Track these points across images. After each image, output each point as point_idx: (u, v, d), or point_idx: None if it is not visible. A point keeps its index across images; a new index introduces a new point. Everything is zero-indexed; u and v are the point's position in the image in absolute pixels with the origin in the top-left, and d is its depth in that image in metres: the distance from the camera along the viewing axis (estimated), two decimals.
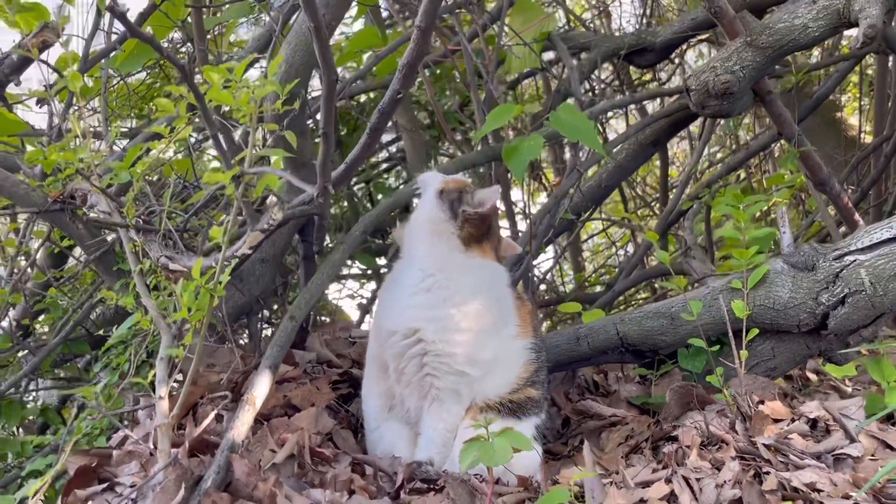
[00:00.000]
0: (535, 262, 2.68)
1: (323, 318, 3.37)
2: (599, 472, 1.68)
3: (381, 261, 3.62)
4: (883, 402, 1.84)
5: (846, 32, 2.72)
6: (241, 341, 2.22)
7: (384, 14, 3.40)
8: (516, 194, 4.50)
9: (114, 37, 2.78)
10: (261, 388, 1.57)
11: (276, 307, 2.39)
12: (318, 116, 2.55)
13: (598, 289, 4.26)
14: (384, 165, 4.09)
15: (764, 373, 2.06)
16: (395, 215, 3.03)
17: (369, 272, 3.86)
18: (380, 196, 3.80)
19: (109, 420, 1.85)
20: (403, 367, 1.80)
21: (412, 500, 1.47)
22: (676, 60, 4.34)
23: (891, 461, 1.53)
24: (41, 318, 2.46)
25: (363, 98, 3.61)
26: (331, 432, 1.89)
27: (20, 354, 2.37)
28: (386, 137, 3.95)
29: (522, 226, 3.02)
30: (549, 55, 3.22)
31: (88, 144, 1.69)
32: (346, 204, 3.67)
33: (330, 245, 2.40)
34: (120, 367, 1.90)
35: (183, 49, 3.68)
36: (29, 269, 2.48)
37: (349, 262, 3.58)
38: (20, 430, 2.45)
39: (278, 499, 1.36)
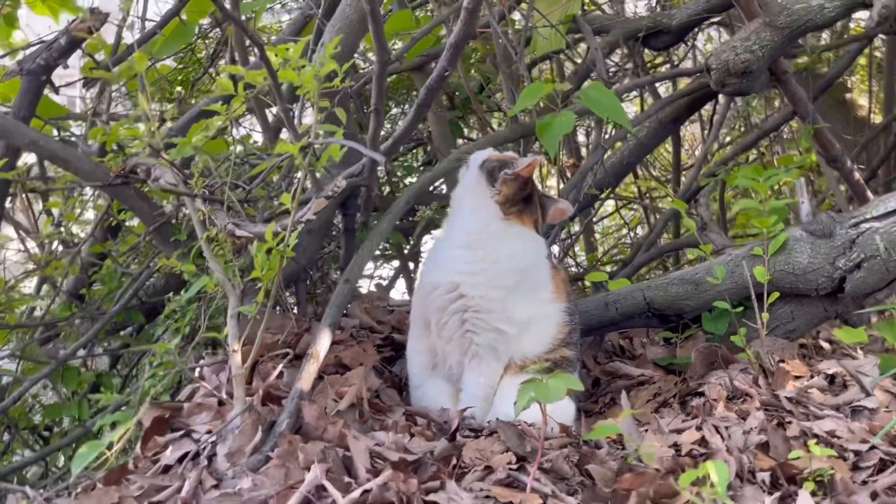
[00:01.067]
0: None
1: None
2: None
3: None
4: (895, 361, 1.96)
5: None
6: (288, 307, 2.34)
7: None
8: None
9: (147, 23, 2.90)
10: (323, 343, 1.70)
11: (317, 277, 2.51)
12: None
13: (609, 269, 4.38)
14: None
15: (783, 335, 2.19)
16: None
17: (388, 252, 3.99)
18: (399, 173, 3.91)
19: (172, 380, 1.99)
20: (445, 321, 1.92)
21: (467, 443, 1.60)
22: (689, 43, 4.45)
23: None
24: (92, 288, 2.59)
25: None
26: (378, 390, 2.02)
27: (76, 322, 2.50)
28: None
29: None
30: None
31: (155, 121, 1.81)
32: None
33: None
34: (181, 330, 2.03)
35: (212, 34, 3.82)
36: (77, 243, 2.61)
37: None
38: (74, 395, 2.58)
39: (348, 439, 1.49)
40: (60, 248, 2.83)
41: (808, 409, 1.80)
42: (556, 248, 2.87)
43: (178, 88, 3.75)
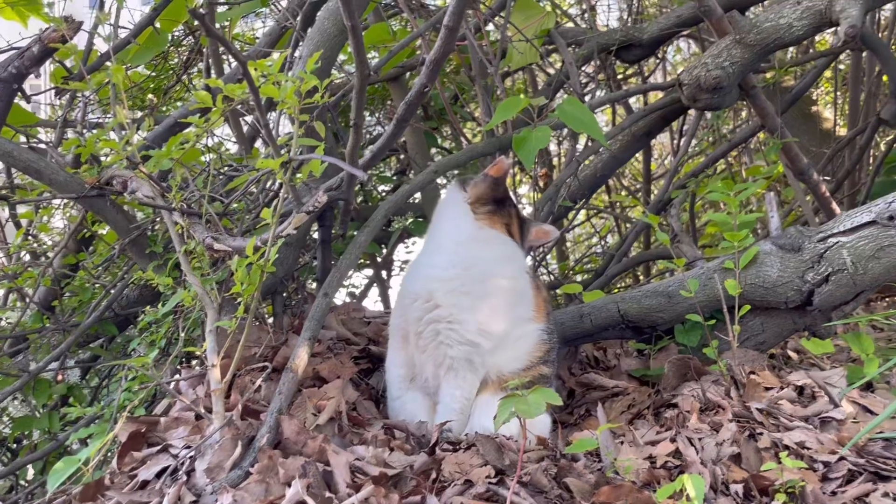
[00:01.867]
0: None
1: None
2: None
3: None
4: (862, 372, 2.01)
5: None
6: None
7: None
8: None
9: (121, 30, 2.88)
10: (302, 357, 1.71)
11: (293, 289, 2.51)
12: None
13: (580, 278, 4.42)
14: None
15: (754, 347, 2.23)
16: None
17: (361, 261, 4.00)
18: (373, 182, 3.92)
19: (148, 392, 1.97)
20: (421, 331, 1.92)
21: (446, 456, 1.61)
22: (660, 56, 4.53)
23: (871, 423, 1.70)
24: (65, 299, 2.56)
25: None
26: (355, 403, 2.02)
27: (48, 334, 2.48)
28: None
29: None
30: None
31: (132, 133, 1.81)
32: None
33: None
34: (157, 343, 2.02)
35: (185, 42, 3.80)
36: (53, 252, 2.58)
37: None
38: (44, 407, 2.54)
39: (328, 453, 1.50)
40: (28, 257, 2.80)
41: (778, 421, 1.83)
42: (529, 259, 2.90)
43: (151, 96, 3.73)
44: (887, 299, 3.10)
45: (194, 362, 2.08)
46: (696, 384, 2.02)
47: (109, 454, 1.82)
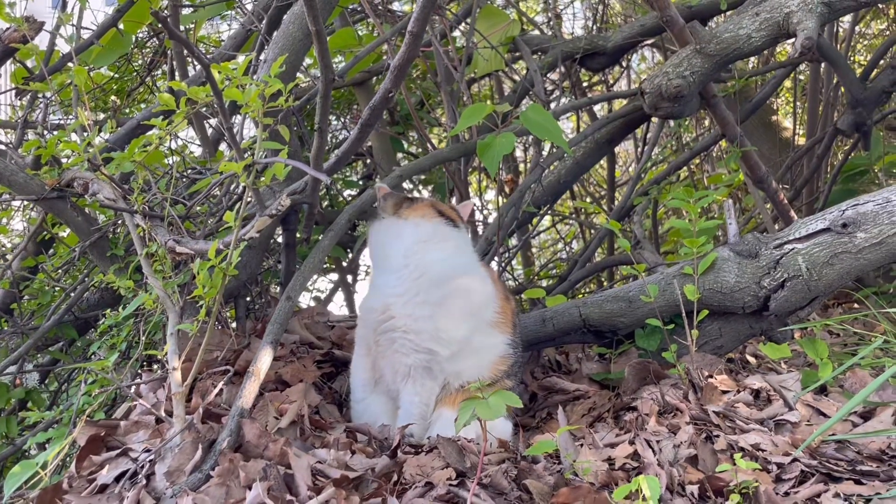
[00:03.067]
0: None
1: None
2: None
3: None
4: (816, 376, 2.05)
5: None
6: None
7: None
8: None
9: (83, 31, 2.85)
10: (264, 360, 1.70)
11: (257, 292, 2.50)
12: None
13: (545, 283, 4.47)
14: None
15: (712, 351, 2.28)
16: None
17: (326, 265, 4.00)
18: (339, 186, 3.92)
19: (107, 395, 1.96)
20: (378, 340, 1.94)
21: (408, 459, 1.62)
22: (624, 64, 4.59)
23: (823, 425, 1.74)
24: (24, 302, 2.53)
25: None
26: (318, 406, 2.03)
27: (5, 337, 2.44)
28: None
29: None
30: None
31: (94, 135, 1.79)
32: None
33: None
34: (117, 346, 2.01)
35: (149, 44, 3.77)
36: (12, 255, 2.54)
37: None
38: (1, 412, 2.51)
39: (289, 456, 1.50)
40: None
41: (734, 423, 1.87)
42: (494, 265, 2.92)
43: (113, 98, 3.69)
44: (843, 305, 3.18)
45: (155, 366, 2.06)
46: (656, 388, 2.05)
47: (68, 458, 1.80)
